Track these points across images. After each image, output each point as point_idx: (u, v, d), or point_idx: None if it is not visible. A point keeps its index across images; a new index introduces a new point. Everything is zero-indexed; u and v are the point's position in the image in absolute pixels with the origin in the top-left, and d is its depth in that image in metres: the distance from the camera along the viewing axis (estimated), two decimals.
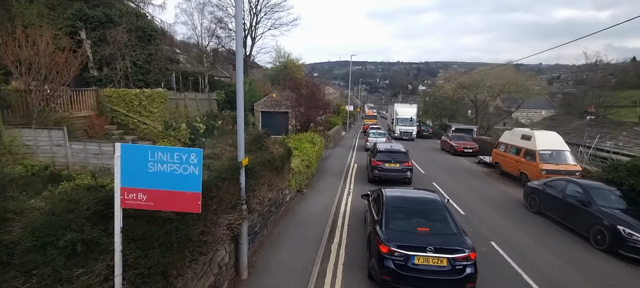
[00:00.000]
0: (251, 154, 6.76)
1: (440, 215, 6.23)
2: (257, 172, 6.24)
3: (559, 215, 9.32)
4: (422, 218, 6.16)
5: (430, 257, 5.21)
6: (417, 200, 6.98)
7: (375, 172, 13.55)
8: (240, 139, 5.51)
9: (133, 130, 16.46)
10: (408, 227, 5.97)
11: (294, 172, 10.44)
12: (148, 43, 18.98)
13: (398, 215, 6.21)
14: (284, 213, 9.48)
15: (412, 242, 5.42)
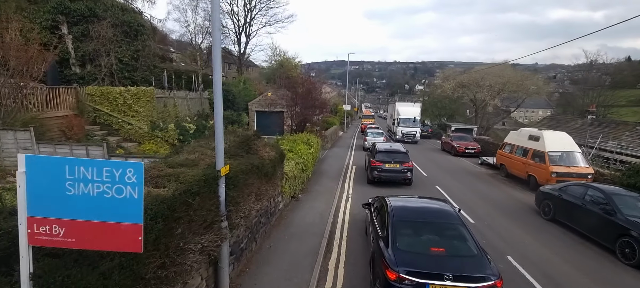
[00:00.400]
0: (236, 159, 5.85)
1: (455, 230, 5.30)
2: (242, 181, 5.32)
3: (578, 224, 8.49)
4: (435, 235, 5.23)
5: (448, 286, 4.31)
6: (427, 212, 6.09)
7: (374, 172, 13.03)
8: (219, 143, 4.61)
9: (117, 131, 15.50)
10: (419, 246, 5.06)
11: (287, 177, 9.53)
12: (135, 38, 17.98)
13: (406, 230, 5.30)
14: (277, 223, 8.57)
15: (426, 266, 4.52)
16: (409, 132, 29.17)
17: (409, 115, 30.05)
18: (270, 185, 7.38)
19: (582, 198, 8.54)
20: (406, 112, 30.44)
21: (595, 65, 51.27)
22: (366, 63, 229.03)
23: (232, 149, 6.42)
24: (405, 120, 29.75)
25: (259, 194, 6.31)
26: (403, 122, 29.65)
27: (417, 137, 29.35)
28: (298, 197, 11.01)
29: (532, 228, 8.98)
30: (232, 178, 4.90)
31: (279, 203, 9.11)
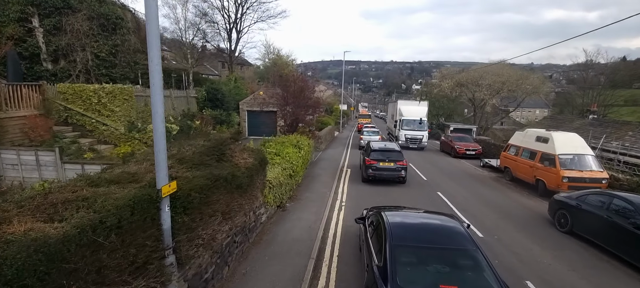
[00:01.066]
0: (199, 170, 4.69)
1: (469, 258, 4.22)
2: (199, 200, 4.16)
3: (603, 240, 7.43)
4: (444, 265, 4.14)
5: None
6: (432, 231, 5.02)
7: (369, 171, 13.05)
8: (159, 153, 3.46)
9: (91, 132, 14.21)
10: (425, 282, 3.95)
11: (271, 186, 8.38)
12: (113, 32, 16.71)
13: (408, 258, 4.25)
14: (257, 240, 7.41)
15: None
16: (414, 136, 24.33)
17: (414, 115, 24.95)
18: (247, 198, 6.23)
19: (606, 210, 7.48)
20: (410, 113, 25.45)
21: (591, 65, 50.84)
22: (363, 63, 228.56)
23: (197, 157, 5.26)
24: (410, 121, 24.83)
25: (228, 212, 5.15)
26: (407, 125, 24.79)
27: (423, 142, 24.36)
28: (285, 206, 9.87)
29: (549, 243, 7.91)
30: (182, 198, 3.74)
31: (262, 215, 7.96)
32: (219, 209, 4.78)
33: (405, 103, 28.45)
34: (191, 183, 3.94)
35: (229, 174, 5.09)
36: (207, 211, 4.37)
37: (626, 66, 64.05)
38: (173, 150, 5.30)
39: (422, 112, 25.66)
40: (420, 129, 24.63)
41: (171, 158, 4.96)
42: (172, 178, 3.60)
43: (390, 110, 34.03)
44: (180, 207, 3.70)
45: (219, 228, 4.82)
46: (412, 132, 24.57)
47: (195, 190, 3.93)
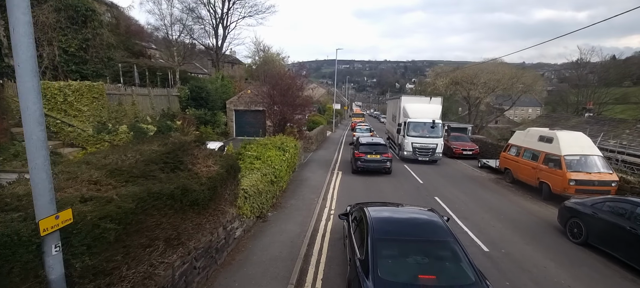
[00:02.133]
0: (139, 184, 3.58)
1: (447, 249, 4.37)
2: (125, 229, 3.05)
3: (626, 255, 6.49)
4: (423, 257, 4.27)
5: None
6: (413, 225, 5.17)
7: (358, 163, 14.56)
8: (37, 172, 2.34)
9: (56, 134, 12.93)
10: (405, 273, 4.08)
11: (247, 195, 7.28)
12: (83, 26, 15.39)
13: (389, 251, 4.36)
14: (229, 260, 6.31)
15: None
16: (425, 144, 17.95)
17: (424, 117, 18.63)
18: (209, 214, 5.12)
19: (630, 220, 6.54)
20: (419, 113, 18.88)
21: (582, 64, 50.91)
22: (356, 62, 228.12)
23: (140, 167, 4.14)
24: (419, 125, 18.35)
25: (177, 237, 4.04)
26: (415, 129, 18.33)
27: (438, 152, 18.11)
28: (266, 216, 8.77)
29: (563, 258, 6.95)
30: (84, 232, 2.62)
31: (235, 230, 6.85)
32: (161, 236, 3.67)
33: (411, 100, 20.96)
34: (103, 210, 2.83)
35: (178, 189, 3.98)
36: (137, 242, 3.26)
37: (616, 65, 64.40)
38: (108, 159, 4.17)
39: (434, 112, 18.99)
40: (434, 135, 18.11)
41: (101, 169, 3.83)
42: (66, 205, 2.49)
43: (390, 110, 26.38)
44: (81, 245, 2.60)
45: (161, 260, 3.71)
46: (421, 140, 18.01)
47: (109, 219, 2.82)
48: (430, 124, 18.16)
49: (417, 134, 18.19)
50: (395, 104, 22.90)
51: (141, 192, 3.38)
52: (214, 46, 32.57)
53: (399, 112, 20.33)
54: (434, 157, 18.07)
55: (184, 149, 5.32)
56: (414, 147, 18.05)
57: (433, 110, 19.23)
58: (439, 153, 18.18)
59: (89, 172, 3.69)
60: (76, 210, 2.66)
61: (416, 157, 17.92)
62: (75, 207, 2.77)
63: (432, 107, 19.54)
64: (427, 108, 19.43)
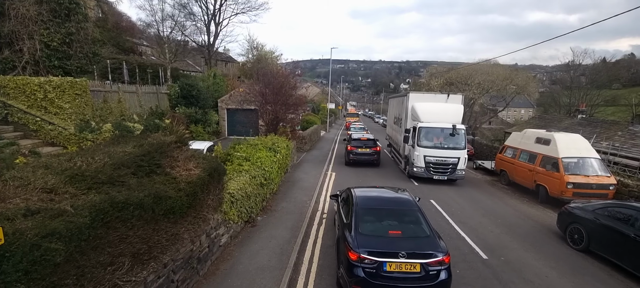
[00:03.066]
0: (103, 192, 3.14)
1: (412, 216, 5.79)
2: (78, 248, 2.60)
3: (630, 264, 6.20)
4: (394, 221, 5.70)
5: (402, 263, 4.78)
6: (388, 201, 6.58)
7: (350, 156, 16.05)
8: None
9: (35, 132, 12.29)
10: (379, 230, 5.52)
11: (234, 199, 6.85)
12: (66, 19, 14.68)
13: (368, 217, 5.72)
14: (212, 270, 5.87)
15: (384, 247, 4.98)
16: (443, 159, 13.39)
17: (441, 120, 13.73)
18: (188, 223, 4.68)
19: (634, 226, 6.27)
20: (434, 115, 13.97)
21: (573, 66, 51.50)
22: (351, 62, 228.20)
23: (108, 171, 3.69)
24: (434, 132, 13.69)
25: (148, 251, 3.60)
26: (428, 137, 13.66)
27: (460, 169, 13.43)
28: (255, 221, 8.34)
29: (565, 266, 6.66)
30: (18, 255, 2.17)
31: (220, 237, 6.42)
32: (127, 251, 3.23)
33: (422, 98, 15.64)
34: (47, 227, 2.38)
35: (149, 197, 3.54)
36: (95, 261, 2.82)
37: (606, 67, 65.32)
38: (71, 162, 3.71)
39: (454, 114, 14.00)
40: (454, 146, 13.39)
41: (60, 174, 3.37)
42: (4, 221, 2.05)
43: (392, 110, 21.06)
44: (16, 271, 2.15)
45: (128, 279, 3.26)
46: (438, 152, 13.31)
47: (56, 237, 2.38)
48: (449, 130, 13.38)
49: (431, 144, 13.45)
50: (399, 104, 17.64)
51: (102, 202, 2.94)
52: (206, 43, 31.91)
53: (405, 114, 15.28)
54: (455, 175, 13.30)
55: (161, 151, 4.87)
56: (428, 161, 13.30)
57: (452, 112, 14.06)
58: (461, 171, 13.30)
59: (44, 178, 3.23)
60: (14, 228, 2.22)
61: (430, 175, 13.29)
62: (15, 223, 2.33)
63: (451, 108, 14.34)
64: (445, 109, 14.26)
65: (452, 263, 6.47)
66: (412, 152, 13.72)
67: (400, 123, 16.76)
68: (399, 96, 19.08)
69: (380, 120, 58.42)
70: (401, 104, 16.80)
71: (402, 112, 16.30)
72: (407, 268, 4.74)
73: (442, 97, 15.62)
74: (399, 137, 16.41)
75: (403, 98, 16.50)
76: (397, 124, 17.79)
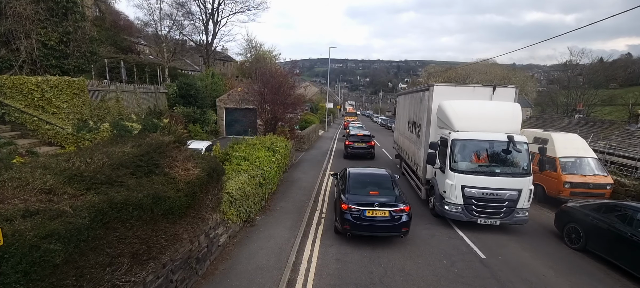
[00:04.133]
0: (102, 193, 3.14)
1: (387, 184, 8.12)
2: (77, 249, 2.60)
3: (627, 263, 6.25)
4: (374, 187, 7.92)
5: (376, 210, 7.07)
6: (371, 175, 8.79)
7: (348, 150, 18.20)
8: None
9: (33, 132, 12.25)
10: (363, 192, 7.71)
11: (232, 199, 6.85)
12: (64, 18, 14.61)
13: (357, 184, 8.01)
14: (211, 270, 5.88)
15: (364, 201, 7.22)
16: (494, 192, 8.24)
17: (489, 128, 8.75)
18: (187, 223, 4.68)
19: (630, 226, 6.32)
20: (476, 119, 8.91)
21: (570, 66, 51.78)
22: (350, 61, 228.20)
23: (106, 171, 3.68)
24: (477, 147, 8.67)
25: (147, 251, 3.60)
26: (467, 154, 8.61)
27: (520, 210, 8.31)
28: (254, 220, 8.34)
29: (562, 266, 6.69)
30: (17, 256, 2.17)
31: (219, 237, 6.42)
32: (126, 252, 3.23)
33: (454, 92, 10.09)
34: (46, 227, 2.38)
35: (148, 197, 3.54)
36: (94, 262, 2.82)
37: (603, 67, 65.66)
38: (70, 162, 3.70)
39: (507, 117, 9.10)
40: (512, 170, 8.52)
41: (59, 175, 3.37)
42: (3, 222, 2.04)
43: (404, 111, 14.83)
44: (15, 273, 2.15)
45: (127, 279, 3.27)
46: (485, 181, 8.37)
47: (54, 238, 2.38)
48: (502, 144, 8.41)
49: (473, 168, 8.48)
50: (415, 102, 12.09)
51: (101, 202, 2.94)
52: (204, 42, 31.82)
53: (426, 117, 10.17)
54: (513, 218, 8.31)
55: (160, 151, 4.86)
56: (469, 196, 8.30)
57: (505, 114, 9.01)
58: (523, 214, 8.31)
59: (43, 178, 3.22)
60: (13, 229, 2.22)
61: (472, 217, 8.34)
62: (14, 224, 2.33)
63: (502, 108, 9.20)
64: (493, 110, 9.16)
65: (451, 262, 6.54)
66: (441, 178, 8.84)
67: (417, 130, 11.41)
68: (415, 91, 12.65)
69: (379, 120, 58.52)
70: (418, 102, 11.41)
71: (420, 113, 10.95)
72: (380, 213, 7.04)
73: (485, 91, 9.91)
74: (415, 151, 11.62)
75: (422, 94, 10.92)
76: (413, 131, 12.18)
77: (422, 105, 10.84)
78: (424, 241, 7.65)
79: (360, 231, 7.02)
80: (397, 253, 6.94)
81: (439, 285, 5.78)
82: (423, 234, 8.06)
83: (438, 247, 7.35)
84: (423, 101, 10.78)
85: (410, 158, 12.77)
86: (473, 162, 8.54)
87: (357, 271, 6.16)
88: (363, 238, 7.45)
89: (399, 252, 7.00)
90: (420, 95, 11.31)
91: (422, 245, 7.43)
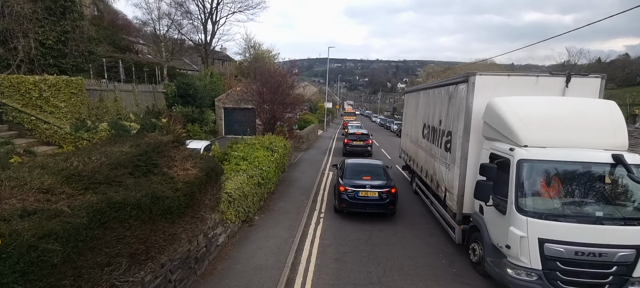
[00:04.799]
0: (100, 192, 3.13)
1: (379, 171, 9.74)
2: (76, 248, 2.59)
3: None
4: (367, 173, 9.50)
5: (368, 191, 8.69)
6: (366, 164, 10.43)
7: (347, 147, 19.27)
8: None
9: (30, 132, 12.20)
10: (357, 177, 9.26)
11: (231, 199, 6.85)
12: (62, 17, 14.58)
13: (353, 171, 9.64)
14: (210, 270, 5.87)
15: (358, 183, 8.89)
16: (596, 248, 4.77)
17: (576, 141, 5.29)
18: (185, 223, 4.68)
19: None
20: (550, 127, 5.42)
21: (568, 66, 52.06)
22: (349, 61, 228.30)
23: (105, 171, 3.68)
24: (564, 173, 5.14)
25: (146, 251, 3.59)
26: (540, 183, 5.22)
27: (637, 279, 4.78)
28: (253, 220, 8.34)
29: None
30: (15, 256, 2.17)
31: (218, 237, 6.41)
32: (124, 251, 3.22)
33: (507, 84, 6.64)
34: (45, 227, 2.37)
35: (146, 197, 3.54)
36: (92, 262, 2.81)
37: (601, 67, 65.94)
38: (68, 162, 3.69)
39: (602, 123, 5.53)
40: (621, 212, 4.94)
41: (57, 175, 3.36)
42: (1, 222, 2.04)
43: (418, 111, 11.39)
44: (13, 273, 2.14)
45: (126, 279, 3.26)
46: (583, 231, 4.82)
47: (52, 238, 2.37)
48: (603, 167, 5.11)
49: (558, 209, 5.12)
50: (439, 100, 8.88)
51: (99, 202, 2.93)
52: (203, 42, 31.77)
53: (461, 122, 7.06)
54: None
55: (159, 151, 4.85)
56: (553, 255, 4.96)
57: (596, 118, 5.66)
58: None
59: (41, 178, 3.21)
60: (10, 229, 2.21)
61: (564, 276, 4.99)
62: (12, 224, 2.32)
63: (589, 109, 5.84)
64: (576, 112, 5.74)
65: (449, 261, 6.54)
66: (497, 221, 5.71)
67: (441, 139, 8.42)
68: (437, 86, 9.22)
69: (377, 120, 58.65)
70: (446, 101, 8.20)
71: (450, 116, 7.82)
72: (370, 194, 8.64)
73: (553, 83, 6.81)
74: (438, 168, 8.57)
75: (453, 89, 7.72)
76: (433, 141, 9.20)
77: (454, 105, 7.50)
78: (423, 241, 7.67)
79: (354, 208, 8.68)
80: (396, 253, 6.95)
81: (437, 284, 5.80)
82: (422, 234, 8.08)
83: (437, 246, 7.37)
84: (455, 99, 7.46)
85: (429, 177, 9.47)
86: (556, 199, 5.14)
87: (356, 271, 6.17)
88: (362, 238, 7.46)
89: (397, 252, 7.01)
90: (450, 91, 7.87)
91: (421, 244, 7.45)
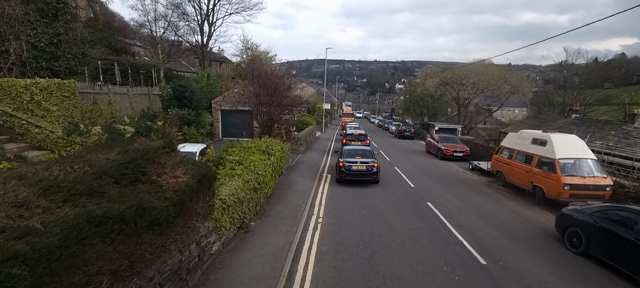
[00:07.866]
0: (80, 205, 2.91)
1: (368, 153, 13.57)
2: (48, 270, 2.37)
3: (631, 268, 6.10)
4: (359, 153, 13.41)
5: (359, 164, 12.60)
6: (360, 148, 14.51)
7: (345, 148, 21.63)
8: None
9: (21, 136, 11.92)
10: (352, 156, 13.14)
11: (225, 205, 6.62)
12: (54, 19, 14.32)
13: (349, 152, 13.52)
14: (203, 280, 5.65)
15: (352, 159, 12.82)
16: None
17: None
18: (175, 234, 4.45)
19: (633, 230, 6.17)
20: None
21: (565, 66, 52.05)
22: (347, 62, 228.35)
23: (87, 181, 3.46)
24: None
25: (126, 269, 3.36)
26: None
27: None
28: (249, 226, 8.11)
29: (564, 271, 6.53)
30: None
31: (211, 245, 6.19)
32: (106, 269, 2.99)
33: None
34: (8, 250, 2.14)
35: (131, 209, 3.31)
36: (68, 282, 2.58)
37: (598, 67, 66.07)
38: (48, 171, 3.46)
39: None
40: None
41: (34, 186, 3.13)
42: None
43: None
44: None
45: None
46: None
47: (19, 260, 2.14)
48: None
49: None
50: None
51: (76, 217, 2.71)
52: (200, 44, 31.51)
53: None
54: None
55: (148, 157, 4.63)
56: None
57: None
58: None
59: (16, 190, 2.98)
60: None
61: None
62: None
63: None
64: None
65: (451, 268, 6.35)
66: None
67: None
68: None
69: (376, 121, 58.50)
70: None
71: None
72: (360, 167, 12.54)
73: None
74: None
75: None
76: None
77: None
78: (423, 247, 7.47)
79: (350, 177, 12.58)
80: (395, 260, 6.75)
81: None
82: (422, 240, 7.88)
83: (437, 253, 7.16)
84: None
85: None
86: None
87: (355, 279, 5.96)
88: (361, 243, 7.25)
89: (397, 259, 6.80)
90: None
91: (421, 251, 7.25)
